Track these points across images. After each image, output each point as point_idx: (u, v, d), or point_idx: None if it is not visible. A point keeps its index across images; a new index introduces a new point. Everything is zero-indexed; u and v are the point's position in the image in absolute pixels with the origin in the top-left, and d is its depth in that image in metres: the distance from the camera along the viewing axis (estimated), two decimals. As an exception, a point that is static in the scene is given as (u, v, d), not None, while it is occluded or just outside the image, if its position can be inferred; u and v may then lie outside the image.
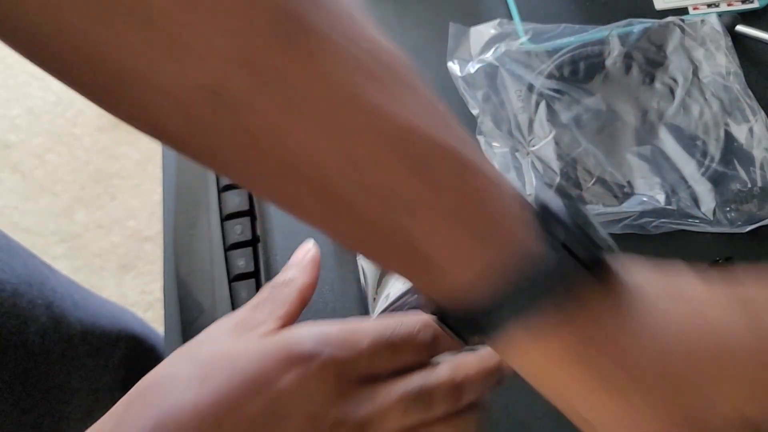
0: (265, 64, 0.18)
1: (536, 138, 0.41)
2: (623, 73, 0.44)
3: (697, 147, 0.41)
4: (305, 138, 0.19)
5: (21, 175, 1.26)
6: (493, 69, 0.44)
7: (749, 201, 0.39)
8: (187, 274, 0.47)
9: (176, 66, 0.18)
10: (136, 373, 0.62)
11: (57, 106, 1.32)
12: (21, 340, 0.45)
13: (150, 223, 1.20)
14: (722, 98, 0.42)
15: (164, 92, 0.19)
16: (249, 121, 0.19)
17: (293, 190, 0.21)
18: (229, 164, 0.21)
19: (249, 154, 0.20)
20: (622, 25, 0.44)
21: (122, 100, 0.20)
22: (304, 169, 0.20)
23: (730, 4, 0.46)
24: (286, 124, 0.19)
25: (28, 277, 0.48)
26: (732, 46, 0.44)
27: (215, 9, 0.18)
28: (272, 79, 0.19)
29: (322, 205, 0.21)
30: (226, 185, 0.48)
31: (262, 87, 0.19)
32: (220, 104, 0.19)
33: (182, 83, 0.18)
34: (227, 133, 0.20)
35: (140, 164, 1.26)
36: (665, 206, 0.38)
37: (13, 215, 1.23)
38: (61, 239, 1.20)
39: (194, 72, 0.18)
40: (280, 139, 0.19)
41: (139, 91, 0.19)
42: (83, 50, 0.19)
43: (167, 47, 0.18)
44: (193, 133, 0.20)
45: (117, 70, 0.19)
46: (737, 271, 0.23)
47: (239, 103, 0.19)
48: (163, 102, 0.19)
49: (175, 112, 0.19)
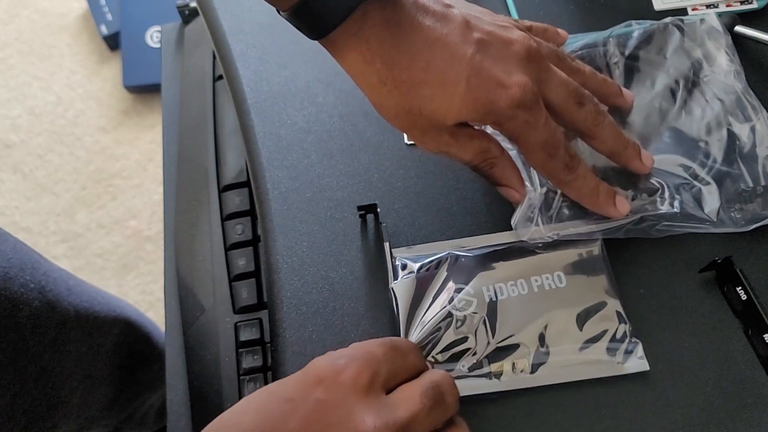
0: None
1: None
2: (623, 76, 0.43)
3: (700, 148, 0.41)
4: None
5: (22, 175, 1.26)
6: None
7: (753, 200, 0.39)
8: (188, 274, 0.47)
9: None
10: (130, 360, 0.62)
11: (58, 107, 1.32)
12: (13, 323, 0.45)
13: (151, 223, 1.21)
14: (724, 98, 0.42)
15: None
16: None
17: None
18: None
19: None
20: (621, 27, 0.44)
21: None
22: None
23: (729, 4, 0.46)
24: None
25: (19, 261, 0.48)
26: (732, 44, 0.44)
27: None
28: None
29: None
30: (227, 185, 0.48)
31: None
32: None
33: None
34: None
35: (141, 164, 1.26)
36: (667, 210, 0.38)
37: (14, 215, 1.23)
38: (61, 239, 1.20)
39: None
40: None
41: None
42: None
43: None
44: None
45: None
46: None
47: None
48: None
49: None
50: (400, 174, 0.43)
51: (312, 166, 0.43)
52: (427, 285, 0.37)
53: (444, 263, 0.38)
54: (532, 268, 0.37)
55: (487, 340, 0.36)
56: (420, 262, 0.38)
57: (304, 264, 0.40)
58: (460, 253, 0.38)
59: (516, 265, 0.38)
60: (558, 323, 0.36)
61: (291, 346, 0.38)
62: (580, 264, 0.38)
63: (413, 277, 0.38)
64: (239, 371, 0.42)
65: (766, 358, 0.36)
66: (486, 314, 0.36)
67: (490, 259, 0.38)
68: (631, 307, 0.37)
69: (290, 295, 0.39)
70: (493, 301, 0.36)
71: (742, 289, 0.37)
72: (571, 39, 0.44)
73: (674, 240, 0.39)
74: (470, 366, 0.36)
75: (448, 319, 0.36)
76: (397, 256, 0.39)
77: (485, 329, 0.36)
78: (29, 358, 0.47)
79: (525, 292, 0.37)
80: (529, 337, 0.36)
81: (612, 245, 0.39)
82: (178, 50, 0.58)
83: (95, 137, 1.29)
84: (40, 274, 0.50)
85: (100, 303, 0.58)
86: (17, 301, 0.45)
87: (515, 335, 0.36)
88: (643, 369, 0.36)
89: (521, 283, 0.37)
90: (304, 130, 0.45)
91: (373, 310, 0.39)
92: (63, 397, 0.52)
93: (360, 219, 0.41)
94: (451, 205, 0.41)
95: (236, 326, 0.44)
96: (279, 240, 0.41)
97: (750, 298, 0.36)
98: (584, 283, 0.37)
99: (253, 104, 0.46)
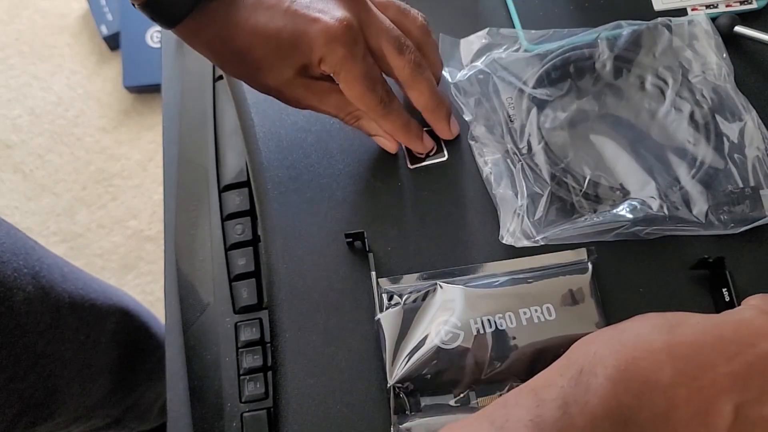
0: None
1: (528, 144, 0.41)
2: (613, 76, 0.43)
3: (689, 148, 0.41)
4: None
5: (22, 175, 1.27)
6: (485, 75, 0.43)
7: (741, 202, 0.39)
8: (188, 274, 0.47)
9: None
10: (130, 350, 0.61)
11: (58, 107, 1.32)
12: (7, 308, 0.45)
13: (151, 223, 1.21)
14: (712, 98, 0.42)
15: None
16: None
17: None
18: None
19: None
20: (611, 27, 0.44)
21: None
22: None
23: (729, 5, 0.46)
24: None
25: (12, 246, 0.48)
26: (722, 44, 0.43)
27: None
28: None
29: None
30: (227, 185, 0.48)
31: None
32: None
33: None
34: None
35: (141, 164, 1.26)
36: (657, 213, 0.38)
37: (15, 215, 1.23)
38: (62, 239, 1.20)
39: None
40: None
41: None
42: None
43: None
44: None
45: None
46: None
47: None
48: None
49: None
50: (393, 201, 0.42)
51: (312, 166, 0.43)
52: (413, 317, 0.37)
53: (432, 294, 0.37)
54: (521, 300, 0.36)
55: (474, 374, 0.35)
56: (407, 294, 0.37)
57: (304, 264, 0.40)
58: (447, 284, 0.37)
59: (505, 296, 0.37)
60: (547, 357, 0.35)
61: (291, 346, 0.38)
62: (570, 295, 0.37)
63: (400, 308, 0.37)
64: (239, 371, 0.42)
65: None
66: (473, 347, 0.35)
67: (478, 290, 0.37)
68: (616, 306, 0.37)
69: (290, 295, 0.40)
70: (480, 334, 0.35)
71: (726, 291, 0.37)
72: (562, 41, 0.44)
73: (667, 244, 0.39)
74: (457, 400, 0.35)
75: (435, 352, 0.35)
76: (384, 287, 0.38)
77: (472, 363, 0.35)
78: (24, 343, 0.47)
79: (513, 326, 0.36)
80: (517, 371, 0.35)
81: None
82: (179, 51, 0.58)
83: (95, 137, 1.29)
84: (33, 260, 0.49)
85: (95, 291, 0.58)
86: (10, 285, 0.45)
87: (503, 369, 0.35)
88: None
89: (509, 315, 0.36)
90: (304, 130, 0.45)
91: (372, 309, 0.38)
92: (61, 386, 0.52)
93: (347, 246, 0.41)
94: (441, 233, 0.41)
95: (236, 326, 0.44)
96: (279, 240, 0.41)
97: (732, 300, 0.36)
98: (574, 315, 0.36)
99: (253, 104, 0.46)
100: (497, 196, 0.40)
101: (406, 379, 0.35)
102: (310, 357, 0.39)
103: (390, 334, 0.36)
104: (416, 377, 0.35)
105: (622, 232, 0.38)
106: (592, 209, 0.39)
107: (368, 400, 0.37)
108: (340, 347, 0.38)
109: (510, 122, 0.42)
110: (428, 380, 0.35)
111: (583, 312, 0.36)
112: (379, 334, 0.37)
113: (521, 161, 0.40)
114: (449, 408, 0.35)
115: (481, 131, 0.42)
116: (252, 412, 0.40)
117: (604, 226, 0.38)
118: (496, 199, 0.41)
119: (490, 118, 0.42)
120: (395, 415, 0.35)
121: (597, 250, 0.38)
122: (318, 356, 0.38)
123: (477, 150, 0.42)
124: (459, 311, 0.36)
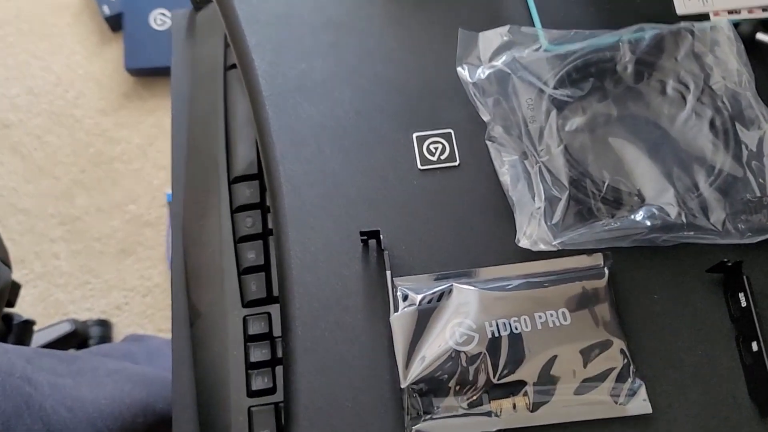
0: None
1: (546, 147, 0.41)
2: (634, 79, 0.43)
3: (708, 155, 0.41)
4: None
5: (21, 156, 1.25)
6: (504, 75, 0.43)
7: (759, 211, 0.39)
8: (196, 266, 0.47)
9: None
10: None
11: (57, 87, 1.30)
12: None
13: (150, 208, 1.20)
14: (733, 105, 0.42)
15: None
16: None
17: None
18: None
19: None
20: (633, 30, 0.44)
21: None
22: None
23: (751, 11, 0.45)
24: None
25: (13, 407, 0.46)
26: (744, 51, 0.43)
27: None
28: None
29: None
30: (237, 177, 0.48)
31: None
32: None
33: None
34: None
35: (141, 148, 1.25)
36: (675, 220, 0.38)
37: (12, 197, 1.22)
38: (60, 222, 1.19)
39: None
40: None
41: None
42: None
43: None
44: None
45: None
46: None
47: None
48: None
49: None
50: (408, 199, 0.42)
51: (326, 162, 0.43)
52: (428, 318, 0.37)
53: (447, 296, 0.37)
54: (536, 303, 0.37)
55: (488, 377, 0.35)
56: (422, 294, 0.37)
57: (316, 260, 0.40)
58: (462, 286, 0.37)
59: (520, 300, 0.37)
60: (561, 362, 0.35)
61: (303, 342, 0.38)
62: (585, 299, 0.37)
63: (414, 309, 0.37)
64: (247, 365, 0.42)
65: (751, 367, 0.36)
66: (487, 350, 0.35)
67: (494, 293, 0.37)
68: (630, 311, 0.37)
69: (302, 291, 0.39)
70: (495, 337, 0.36)
71: (743, 295, 0.37)
72: (583, 43, 0.43)
73: (684, 251, 0.39)
74: (470, 402, 0.35)
75: (449, 354, 0.35)
76: (399, 286, 0.38)
77: (486, 366, 0.35)
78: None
79: (528, 329, 0.36)
80: (530, 375, 0.35)
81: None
82: (189, 37, 0.58)
83: (95, 119, 1.28)
84: (36, 410, 0.48)
85: (102, 411, 0.55)
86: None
87: (517, 373, 0.35)
88: (645, 411, 0.35)
89: (525, 319, 0.36)
90: (320, 125, 0.44)
91: (386, 308, 0.38)
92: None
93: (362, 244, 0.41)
94: (458, 234, 0.41)
95: (245, 320, 0.43)
96: (291, 235, 0.41)
97: (749, 305, 0.36)
98: (589, 320, 0.36)
99: (267, 97, 0.45)
100: (514, 198, 0.40)
101: (420, 380, 0.35)
102: (321, 353, 0.38)
103: (404, 335, 0.36)
104: (430, 379, 0.35)
105: (639, 239, 0.38)
106: (610, 214, 0.39)
107: (379, 400, 0.37)
108: (352, 345, 0.38)
109: (529, 123, 0.42)
110: (442, 382, 0.35)
111: (598, 317, 0.37)
112: (393, 334, 0.36)
113: (539, 163, 0.40)
114: (462, 410, 0.35)
115: (498, 132, 0.42)
116: (259, 407, 0.40)
117: (622, 232, 0.38)
118: (512, 201, 0.40)
119: (508, 118, 0.42)
120: (408, 417, 0.35)
121: (612, 255, 0.38)
122: (329, 353, 0.38)
123: (494, 151, 0.42)
124: (474, 313, 0.36)
